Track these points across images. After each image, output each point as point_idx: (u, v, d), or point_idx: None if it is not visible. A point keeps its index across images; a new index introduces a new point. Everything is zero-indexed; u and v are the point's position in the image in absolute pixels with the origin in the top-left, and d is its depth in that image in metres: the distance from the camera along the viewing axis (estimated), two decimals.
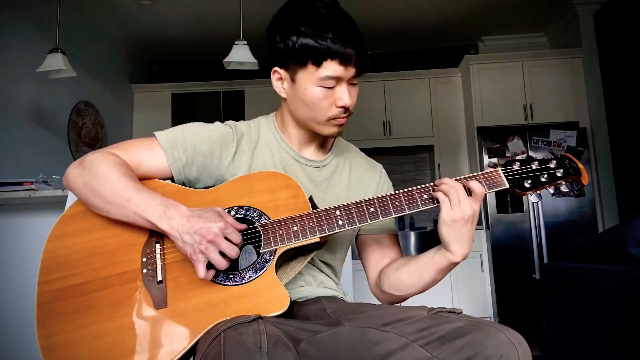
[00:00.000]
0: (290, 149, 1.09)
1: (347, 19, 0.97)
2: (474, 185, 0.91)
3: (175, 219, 0.86)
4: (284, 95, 1.04)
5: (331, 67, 0.94)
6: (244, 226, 0.88)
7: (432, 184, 0.95)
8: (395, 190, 1.00)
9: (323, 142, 1.13)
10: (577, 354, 1.80)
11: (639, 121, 4.37)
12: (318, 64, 0.94)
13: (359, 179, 1.15)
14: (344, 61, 0.94)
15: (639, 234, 1.50)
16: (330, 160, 1.13)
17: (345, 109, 0.99)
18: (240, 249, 0.86)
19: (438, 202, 0.92)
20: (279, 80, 1.03)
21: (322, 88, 0.96)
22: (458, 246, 0.92)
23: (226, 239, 0.84)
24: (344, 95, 0.97)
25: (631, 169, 4.28)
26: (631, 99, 4.45)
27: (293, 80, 0.99)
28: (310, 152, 1.11)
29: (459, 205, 0.89)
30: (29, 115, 3.44)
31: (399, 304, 1.02)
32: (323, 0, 0.97)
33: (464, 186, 0.91)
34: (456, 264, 0.95)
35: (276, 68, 1.01)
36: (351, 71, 0.96)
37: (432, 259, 0.97)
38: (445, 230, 0.91)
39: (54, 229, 0.96)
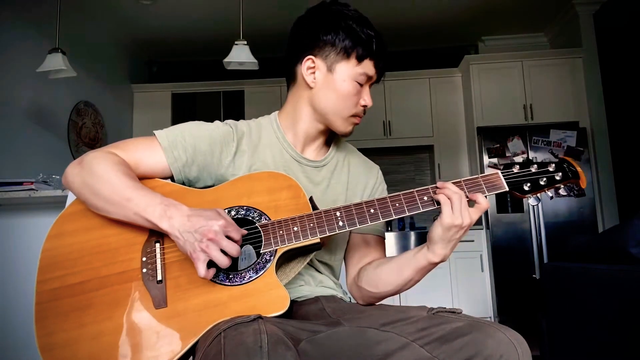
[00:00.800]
0: (292, 149, 1.09)
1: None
2: (481, 198, 0.92)
3: (175, 218, 0.86)
4: (313, 84, 1.05)
5: (369, 66, 1.03)
6: (244, 232, 0.88)
7: (434, 185, 0.95)
8: (390, 191, 1.00)
9: (324, 142, 1.13)
10: (577, 354, 1.80)
11: (639, 121, 4.37)
12: (361, 59, 1.02)
13: (356, 179, 1.15)
14: (377, 64, 1.04)
15: (639, 234, 1.51)
16: (329, 160, 1.13)
17: (364, 110, 1.07)
18: (240, 248, 0.86)
19: (439, 204, 0.92)
20: (310, 70, 1.05)
21: (357, 84, 1.03)
22: (442, 248, 0.93)
23: (227, 237, 0.84)
24: (368, 97, 1.06)
25: (631, 169, 4.28)
26: (631, 99, 4.44)
27: (331, 70, 1.03)
28: (311, 151, 1.11)
29: (460, 212, 0.90)
30: (29, 115, 3.44)
31: (398, 304, 1.02)
32: (351, 10, 1.05)
33: (466, 195, 0.92)
34: (435, 264, 0.97)
35: (312, 57, 1.04)
36: (375, 75, 1.06)
37: (413, 257, 0.98)
38: (439, 232, 0.92)
39: (52, 228, 0.95)
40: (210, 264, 0.84)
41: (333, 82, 1.03)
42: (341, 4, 1.05)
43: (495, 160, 4.04)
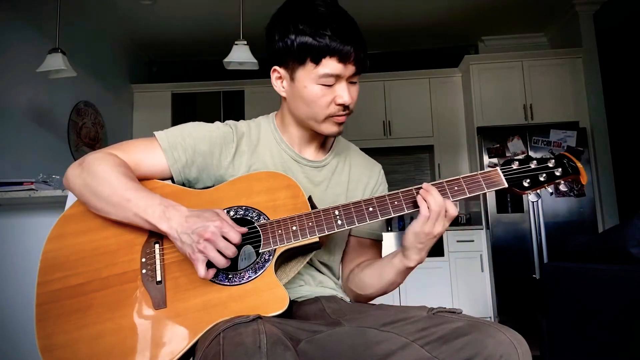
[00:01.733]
0: (290, 149, 1.09)
1: (346, 17, 0.97)
2: (450, 207, 0.92)
3: (174, 219, 0.86)
4: (283, 94, 1.04)
5: (330, 65, 0.94)
6: (245, 230, 0.88)
7: (432, 183, 0.94)
8: (394, 189, 1.00)
9: (323, 142, 1.13)
10: (577, 354, 1.80)
11: (639, 121, 4.37)
12: (317, 61, 0.94)
13: (358, 178, 1.15)
14: (342, 59, 0.94)
15: (639, 234, 1.50)
16: (330, 160, 1.13)
17: (345, 107, 0.99)
18: (239, 248, 0.86)
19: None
20: (278, 79, 1.03)
21: (322, 86, 0.96)
22: (416, 254, 0.95)
23: (225, 238, 0.84)
24: (344, 93, 0.97)
25: (631, 169, 4.28)
26: (631, 99, 4.44)
27: (292, 78, 0.99)
28: (310, 152, 1.11)
29: (434, 223, 0.91)
30: (29, 115, 3.44)
31: (398, 304, 1.03)
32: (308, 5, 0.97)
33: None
34: (411, 268, 0.98)
35: (275, 67, 1.02)
36: (350, 69, 0.96)
37: (391, 262, 1.00)
38: (411, 238, 0.94)
39: (53, 230, 0.96)
40: (210, 264, 0.84)
41: (297, 90, 0.99)
42: (299, 5, 0.98)
43: (495, 160, 4.04)
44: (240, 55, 3.22)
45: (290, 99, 1.03)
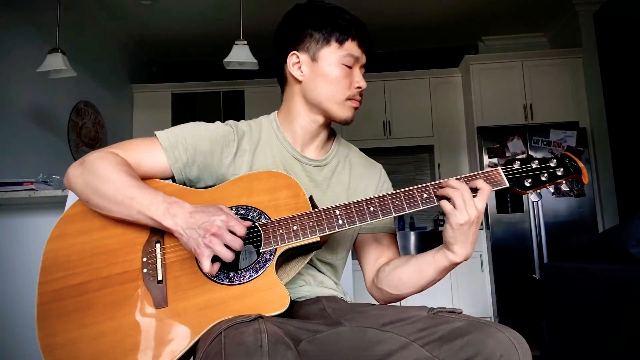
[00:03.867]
0: (292, 148, 1.09)
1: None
2: (480, 183, 0.91)
3: (179, 215, 0.86)
4: (301, 78, 1.06)
5: (352, 47, 1.04)
6: (249, 223, 0.88)
7: (434, 182, 0.95)
8: (394, 189, 1.00)
9: (325, 141, 1.13)
10: (577, 354, 1.80)
11: (639, 121, 4.37)
12: (341, 42, 1.03)
13: (359, 178, 1.15)
14: (361, 43, 1.05)
15: (639, 234, 1.51)
16: (330, 159, 1.13)
17: (360, 92, 1.07)
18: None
19: (440, 199, 0.92)
20: (296, 64, 1.06)
21: (344, 67, 1.04)
22: (461, 248, 0.93)
23: (231, 232, 0.84)
24: (360, 78, 1.06)
25: (631, 169, 4.28)
26: (631, 99, 4.44)
27: (315, 59, 1.04)
28: (312, 151, 1.11)
29: (465, 208, 0.89)
30: (29, 115, 3.44)
31: (398, 304, 1.02)
32: (326, 3, 1.07)
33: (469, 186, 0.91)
34: (457, 264, 0.96)
35: (295, 52, 1.05)
36: (363, 58, 1.06)
37: (433, 258, 0.97)
38: (450, 233, 0.92)
39: (54, 230, 0.96)
40: (214, 259, 0.84)
41: (320, 70, 1.04)
42: (316, 1, 1.08)
43: (495, 160, 4.04)
44: (240, 55, 3.22)
45: (309, 81, 1.05)
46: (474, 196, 0.90)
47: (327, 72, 1.03)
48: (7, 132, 3.21)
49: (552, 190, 0.97)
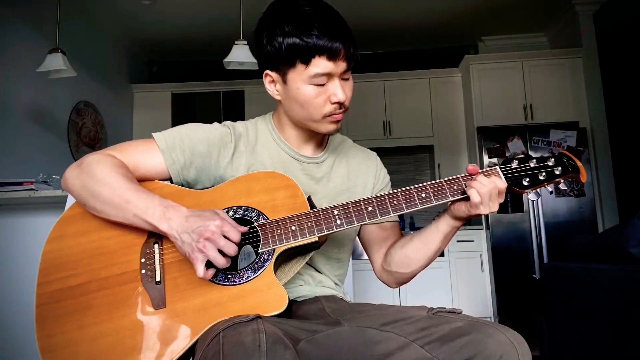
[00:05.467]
0: (289, 147, 1.09)
1: (333, 13, 0.96)
2: (499, 181, 0.93)
3: (174, 219, 0.86)
4: (277, 97, 1.04)
5: (320, 64, 0.93)
6: (245, 229, 0.88)
7: (432, 182, 0.94)
8: (393, 190, 1.00)
9: (321, 140, 1.13)
10: (577, 354, 1.80)
11: (639, 121, 4.37)
12: (306, 62, 0.93)
13: (357, 169, 1.16)
14: (332, 56, 0.93)
15: (639, 234, 1.50)
16: (327, 155, 1.13)
17: (340, 104, 0.98)
18: (239, 248, 0.86)
19: (439, 200, 0.94)
20: (271, 83, 1.03)
21: (314, 86, 0.96)
22: (464, 215, 0.97)
23: (225, 237, 0.84)
24: (338, 91, 0.96)
25: (631, 169, 4.27)
26: (631, 99, 4.44)
27: (284, 81, 0.99)
28: (309, 149, 1.11)
29: (489, 203, 0.92)
30: (29, 115, 3.44)
31: (398, 304, 1.02)
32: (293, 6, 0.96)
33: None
34: (460, 226, 1.01)
35: (267, 71, 1.02)
36: (341, 66, 0.95)
37: (436, 229, 1.01)
38: (464, 213, 0.96)
39: (53, 231, 0.96)
40: (210, 264, 0.83)
41: (290, 92, 0.98)
42: (278, 9, 0.98)
43: (495, 160, 4.04)
44: (240, 55, 3.22)
45: (285, 101, 1.03)
46: None
47: (296, 95, 0.97)
48: (7, 132, 3.21)
49: (551, 190, 0.97)
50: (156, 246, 0.92)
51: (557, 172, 0.95)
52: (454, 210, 0.97)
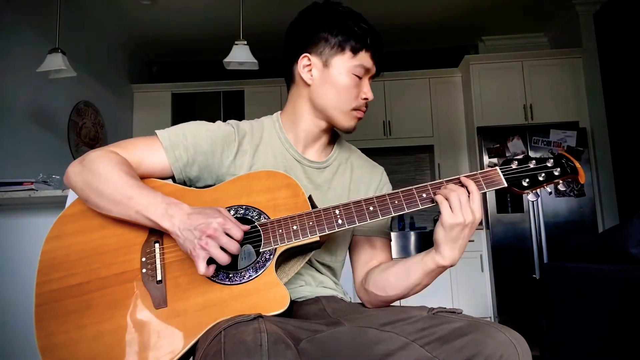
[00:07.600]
0: (293, 149, 1.09)
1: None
2: (471, 186, 0.90)
3: (176, 217, 0.86)
4: (310, 81, 1.05)
5: (364, 59, 1.03)
6: (247, 227, 0.88)
7: (433, 182, 0.95)
8: (393, 190, 1.00)
9: (326, 144, 1.13)
10: (577, 354, 1.80)
11: (639, 121, 4.37)
12: (355, 52, 1.02)
13: (359, 180, 1.15)
14: (374, 56, 1.04)
15: (639, 234, 1.50)
16: (332, 161, 1.13)
17: (366, 104, 1.07)
18: (241, 246, 0.86)
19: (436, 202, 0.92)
20: (306, 67, 1.05)
21: (354, 77, 1.03)
22: (449, 250, 0.91)
23: (227, 234, 0.84)
24: (368, 89, 1.06)
25: (631, 169, 4.27)
26: (631, 99, 4.44)
27: (327, 65, 1.03)
28: (313, 152, 1.11)
29: (460, 210, 0.88)
30: (29, 115, 3.44)
31: (398, 304, 1.02)
32: (343, 7, 1.06)
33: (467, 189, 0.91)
34: (444, 268, 0.93)
35: (307, 55, 1.04)
36: (374, 70, 1.06)
37: (421, 261, 0.95)
38: (442, 233, 0.90)
39: (52, 230, 0.95)
40: (211, 261, 0.83)
41: (330, 77, 1.03)
42: (333, 3, 1.06)
43: (495, 160, 4.04)
44: (240, 55, 3.22)
45: (318, 86, 1.04)
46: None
47: (337, 80, 1.03)
48: (7, 132, 3.21)
49: (550, 190, 0.97)
50: (157, 245, 0.92)
51: (556, 173, 0.95)
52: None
